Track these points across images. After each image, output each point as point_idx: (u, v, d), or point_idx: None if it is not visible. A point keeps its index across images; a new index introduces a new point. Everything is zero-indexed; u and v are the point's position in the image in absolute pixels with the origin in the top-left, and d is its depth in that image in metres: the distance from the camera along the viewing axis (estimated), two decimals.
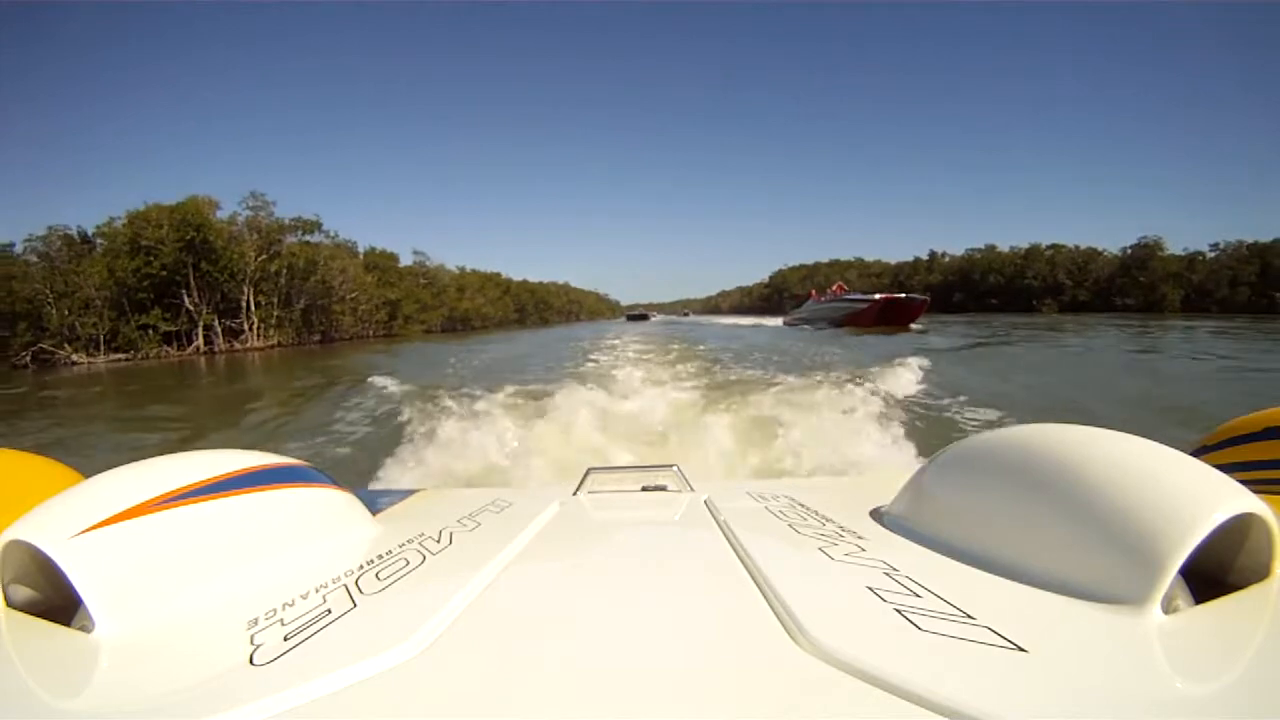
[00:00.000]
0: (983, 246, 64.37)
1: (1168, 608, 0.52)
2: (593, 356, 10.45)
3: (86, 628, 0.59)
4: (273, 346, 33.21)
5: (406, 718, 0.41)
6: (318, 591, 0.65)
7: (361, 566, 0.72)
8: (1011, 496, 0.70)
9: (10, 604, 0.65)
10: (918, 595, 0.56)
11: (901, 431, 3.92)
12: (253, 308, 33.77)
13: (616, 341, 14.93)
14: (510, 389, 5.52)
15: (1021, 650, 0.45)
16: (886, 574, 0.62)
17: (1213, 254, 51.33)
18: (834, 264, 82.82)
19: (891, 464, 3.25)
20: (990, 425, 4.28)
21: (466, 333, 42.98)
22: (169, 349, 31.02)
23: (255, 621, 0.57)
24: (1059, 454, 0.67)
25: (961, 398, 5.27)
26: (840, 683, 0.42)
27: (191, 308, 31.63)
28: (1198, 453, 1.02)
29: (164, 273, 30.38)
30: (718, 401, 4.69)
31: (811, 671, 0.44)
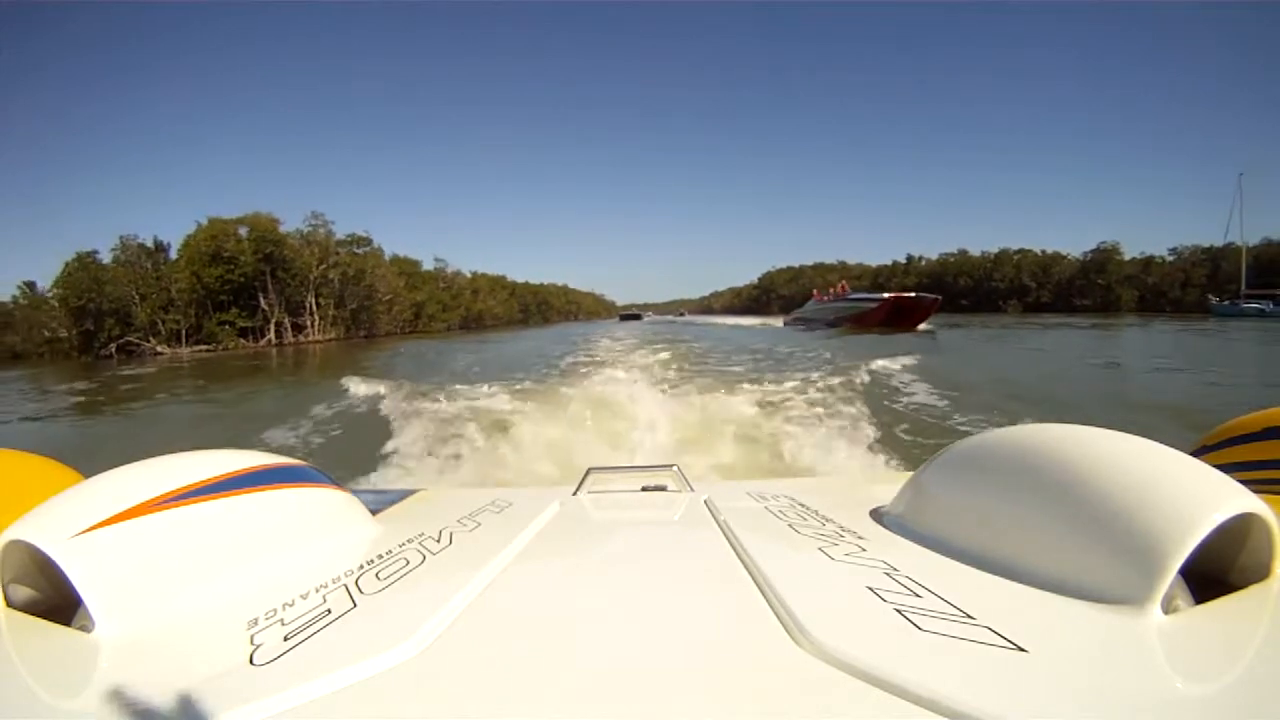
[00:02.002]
0: (955, 251, 63.73)
1: (1168, 608, 0.48)
2: (592, 354, 10.08)
3: (86, 628, 0.54)
4: (330, 340, 35.43)
5: (406, 718, 0.39)
6: (318, 591, 0.59)
7: (361, 566, 0.65)
8: (1011, 496, 0.62)
9: (10, 604, 0.59)
10: (918, 595, 0.52)
11: (900, 431, 3.69)
12: (314, 308, 36.49)
13: (611, 340, 14.65)
14: (510, 388, 5.22)
15: (1021, 650, 0.41)
16: (886, 574, 0.57)
17: (1171, 258, 50.26)
18: (818, 266, 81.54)
19: (891, 464, 3.06)
20: (989, 425, 3.98)
21: (480, 330, 43.56)
22: (244, 341, 33.34)
23: (255, 621, 0.53)
24: (1059, 454, 0.60)
25: (958, 395, 4.94)
26: (840, 682, 0.39)
27: (267, 308, 34.45)
28: (1198, 453, 0.93)
29: (242, 279, 33.26)
30: (718, 401, 4.41)
31: (812, 671, 0.41)
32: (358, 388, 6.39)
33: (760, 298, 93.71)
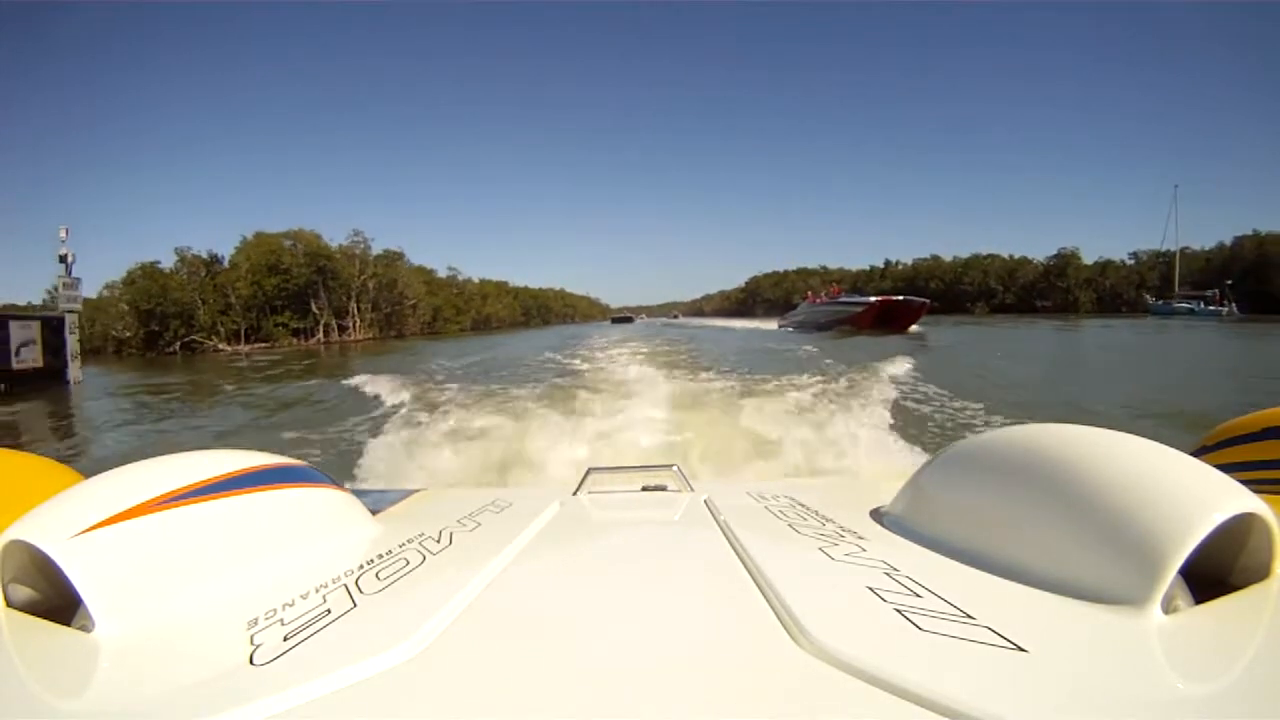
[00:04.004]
0: (929, 256, 63.11)
1: (1168, 608, 0.44)
2: (591, 353, 9.70)
3: (86, 628, 0.51)
4: (369, 339, 37.33)
5: (406, 718, 0.36)
6: (318, 591, 0.55)
7: (361, 566, 0.60)
8: (1012, 496, 0.58)
9: (10, 604, 0.55)
10: (918, 595, 0.48)
11: (900, 431, 3.47)
12: (356, 312, 39.20)
13: (605, 340, 14.37)
14: (511, 387, 4.90)
15: (1021, 650, 0.38)
16: (886, 574, 0.53)
17: (1131, 261, 49.76)
18: (801, 271, 80.00)
19: (891, 464, 2.86)
20: (989, 425, 3.76)
21: (489, 331, 44.11)
22: (295, 340, 35.55)
23: (255, 621, 0.49)
24: (1059, 454, 0.56)
25: (957, 398, 4.64)
26: (840, 683, 0.36)
27: (317, 311, 37.38)
28: (1197, 453, 0.84)
29: (295, 287, 36.34)
30: (718, 401, 4.14)
31: (812, 671, 0.38)
32: (361, 386, 6.07)
33: (746, 300, 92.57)
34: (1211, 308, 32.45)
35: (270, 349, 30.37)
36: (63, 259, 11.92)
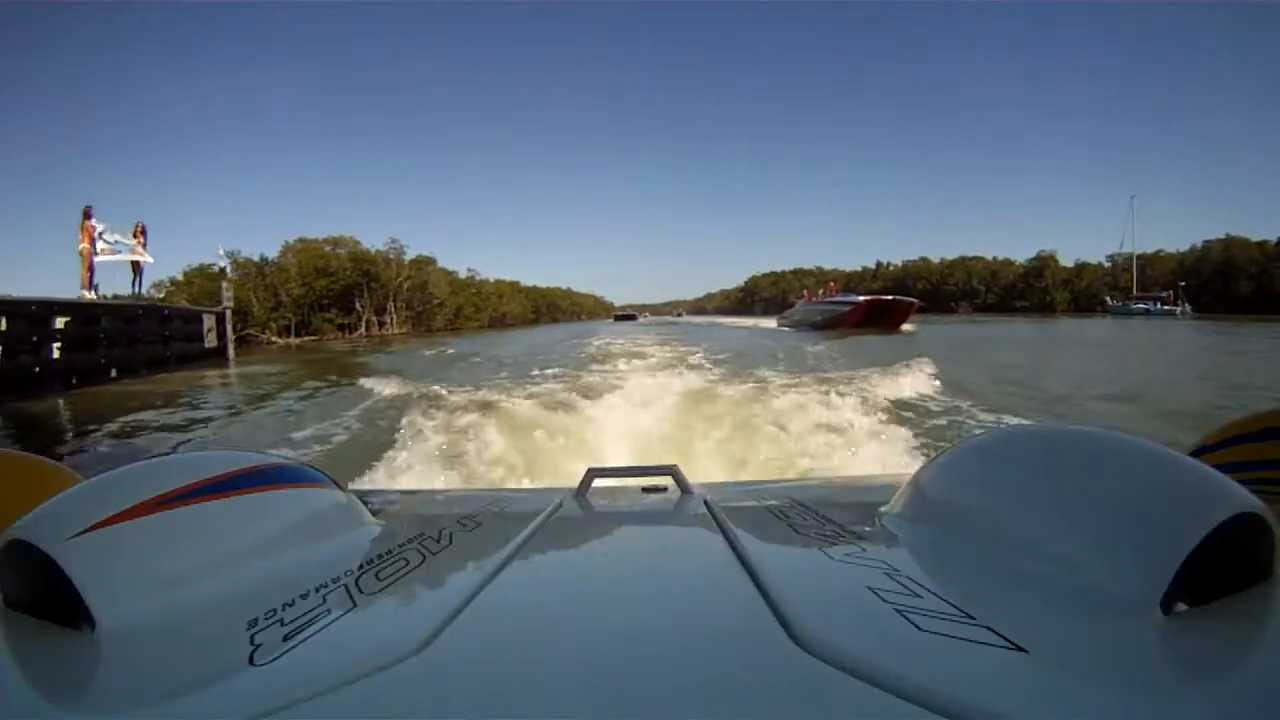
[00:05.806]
0: (917, 258, 62.06)
1: (1168, 608, 0.42)
2: (593, 351, 9.25)
3: (87, 628, 0.48)
4: (404, 333, 39.59)
5: (406, 718, 0.34)
6: (318, 591, 0.52)
7: (361, 566, 0.57)
8: (1011, 497, 0.55)
9: (10, 604, 0.52)
10: (918, 595, 0.45)
11: (901, 432, 3.28)
12: (394, 310, 41.96)
13: (609, 333, 14.00)
14: (512, 387, 4.64)
15: (1021, 650, 0.36)
16: (887, 574, 0.50)
17: (1108, 264, 48.97)
18: (797, 271, 78.98)
19: (891, 464, 2.71)
20: (989, 425, 3.54)
21: (504, 328, 45.25)
22: (339, 334, 38.06)
23: (255, 621, 0.46)
24: (1058, 454, 0.53)
25: (962, 399, 4.39)
26: (840, 683, 0.34)
27: (360, 309, 40.26)
28: (1197, 453, 0.76)
29: (341, 288, 39.45)
30: (719, 401, 3.88)
31: (811, 671, 0.36)
32: (365, 387, 5.82)
33: (745, 299, 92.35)
34: (1166, 308, 33.44)
35: (319, 342, 31.89)
36: (222, 271, 15.59)
